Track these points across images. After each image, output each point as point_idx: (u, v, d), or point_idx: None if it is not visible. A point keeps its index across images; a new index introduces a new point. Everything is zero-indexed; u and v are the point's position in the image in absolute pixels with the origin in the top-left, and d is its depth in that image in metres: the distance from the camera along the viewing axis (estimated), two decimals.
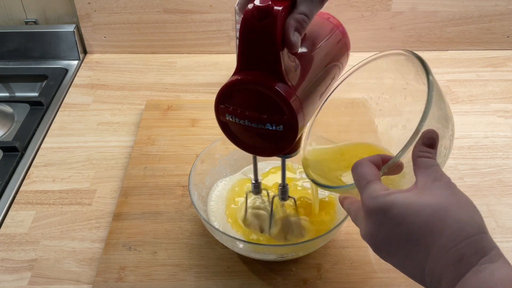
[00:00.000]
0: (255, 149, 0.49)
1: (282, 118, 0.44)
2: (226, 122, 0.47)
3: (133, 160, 0.77)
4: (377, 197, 0.40)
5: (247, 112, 0.44)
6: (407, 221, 0.38)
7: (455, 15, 1.02)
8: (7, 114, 0.91)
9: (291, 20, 0.42)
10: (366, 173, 0.42)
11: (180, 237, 0.65)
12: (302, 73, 0.46)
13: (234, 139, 0.49)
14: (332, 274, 0.60)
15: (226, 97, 0.45)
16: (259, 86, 0.43)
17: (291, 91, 0.43)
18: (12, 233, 0.67)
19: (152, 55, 1.07)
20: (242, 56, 0.43)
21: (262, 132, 0.45)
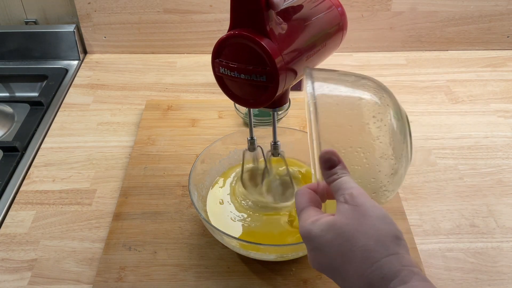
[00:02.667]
0: (245, 101, 0.54)
1: (264, 69, 0.49)
2: (221, 76, 0.53)
3: (133, 160, 0.77)
4: (302, 225, 0.41)
5: (236, 65, 0.50)
6: (325, 250, 0.39)
7: (455, 15, 1.02)
8: (7, 114, 0.91)
9: None
10: (299, 201, 0.43)
11: (180, 237, 0.65)
12: (289, 33, 0.51)
13: (228, 92, 0.54)
14: None
15: (220, 52, 0.51)
16: (245, 40, 0.48)
17: (273, 45, 0.48)
18: (12, 233, 0.67)
19: (152, 55, 1.07)
20: (233, 15, 0.50)
21: (249, 83, 0.50)
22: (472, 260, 0.63)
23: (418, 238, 0.65)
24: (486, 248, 0.65)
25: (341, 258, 0.38)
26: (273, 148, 0.62)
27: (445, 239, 0.66)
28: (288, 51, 0.50)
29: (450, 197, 0.72)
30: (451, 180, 0.75)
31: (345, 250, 0.37)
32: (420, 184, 0.74)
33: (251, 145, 0.64)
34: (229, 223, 0.63)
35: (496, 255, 0.64)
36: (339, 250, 0.38)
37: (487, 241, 0.65)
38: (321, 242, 0.39)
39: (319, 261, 0.40)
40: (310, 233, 0.40)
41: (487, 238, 0.66)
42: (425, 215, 0.69)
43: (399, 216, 0.67)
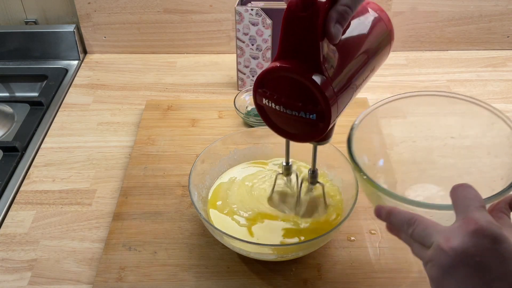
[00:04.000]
0: (288, 134, 0.50)
1: (316, 107, 0.45)
2: (262, 106, 0.49)
3: (133, 160, 0.77)
4: (493, 223, 0.38)
5: (283, 99, 0.46)
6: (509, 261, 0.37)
7: (455, 15, 1.02)
8: (7, 114, 0.91)
9: (333, 12, 0.42)
10: (479, 197, 0.41)
11: (180, 237, 0.65)
12: (341, 64, 0.46)
13: (269, 122, 0.51)
14: (332, 274, 0.60)
15: (264, 82, 0.47)
16: (297, 75, 0.44)
17: (327, 82, 0.44)
18: (12, 233, 0.67)
19: (152, 55, 1.07)
20: (283, 44, 0.45)
21: (296, 119, 0.47)
22: None
23: None
24: None
25: None
26: (310, 176, 0.60)
27: None
28: (341, 84, 0.46)
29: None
30: None
31: None
32: None
33: (286, 171, 0.62)
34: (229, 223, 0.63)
35: None
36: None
37: None
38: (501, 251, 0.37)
39: (483, 261, 0.37)
40: (507, 239, 0.37)
41: None
42: None
43: None
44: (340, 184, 0.66)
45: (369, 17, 0.52)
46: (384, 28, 0.53)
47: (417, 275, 0.60)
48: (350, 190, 0.62)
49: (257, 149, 0.71)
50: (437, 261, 0.40)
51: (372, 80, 0.95)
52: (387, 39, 0.53)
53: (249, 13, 0.84)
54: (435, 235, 0.40)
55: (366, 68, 0.50)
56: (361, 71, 0.50)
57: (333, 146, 0.66)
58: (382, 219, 0.46)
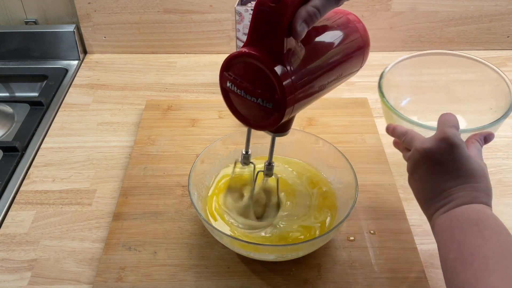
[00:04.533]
0: (247, 120, 0.52)
1: (272, 97, 0.46)
2: (226, 90, 0.51)
3: (133, 160, 0.77)
4: (456, 136, 0.52)
5: (245, 84, 0.48)
6: (462, 161, 0.51)
7: (455, 15, 1.02)
8: (7, 114, 0.91)
9: (302, 11, 0.44)
10: (454, 121, 0.54)
11: (180, 237, 0.65)
12: (306, 61, 0.48)
13: (231, 107, 0.52)
14: (332, 274, 0.60)
15: (230, 65, 0.49)
16: (259, 63, 0.46)
17: (286, 74, 0.46)
18: (12, 233, 0.67)
19: (152, 55, 1.07)
20: (252, 31, 0.47)
21: (254, 105, 0.48)
22: None
23: (418, 238, 0.65)
24: None
25: (472, 173, 0.52)
26: (266, 168, 0.60)
27: None
28: (302, 81, 0.47)
29: None
30: None
31: (479, 175, 0.52)
32: None
33: (245, 159, 0.63)
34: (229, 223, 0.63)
35: None
36: (476, 169, 0.52)
37: None
38: (465, 156, 0.52)
39: (442, 158, 0.52)
40: (462, 147, 0.52)
41: None
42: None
43: (399, 216, 0.67)
44: (340, 185, 0.66)
45: (344, 26, 0.53)
46: (358, 39, 0.54)
47: (417, 275, 0.60)
48: (350, 190, 0.62)
49: (257, 149, 0.71)
50: (411, 157, 0.56)
51: (373, 80, 0.96)
52: (359, 49, 0.54)
53: (249, 13, 0.84)
54: (416, 141, 0.55)
55: (332, 71, 0.51)
56: (326, 73, 0.51)
57: (333, 146, 0.66)
58: (389, 132, 0.62)
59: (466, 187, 0.51)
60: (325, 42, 0.51)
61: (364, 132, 0.82)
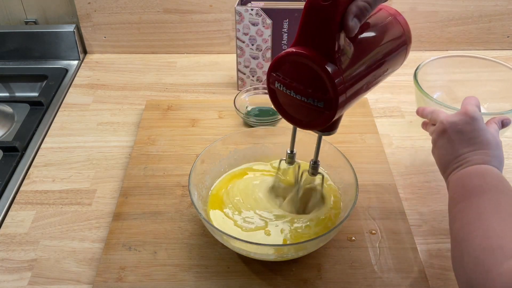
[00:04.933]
0: (295, 120, 0.52)
1: (324, 95, 0.46)
2: (274, 90, 0.50)
3: (133, 160, 0.77)
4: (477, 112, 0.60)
5: (294, 84, 0.48)
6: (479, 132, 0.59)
7: (455, 15, 1.02)
8: (7, 114, 0.91)
9: (353, 6, 0.44)
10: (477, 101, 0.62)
11: (180, 237, 0.65)
12: (355, 59, 0.48)
13: (279, 107, 0.52)
14: (332, 274, 0.60)
15: (279, 66, 0.48)
16: (310, 62, 0.46)
17: (338, 72, 0.45)
18: (12, 233, 0.67)
19: (152, 55, 1.07)
20: (302, 31, 0.46)
21: (304, 105, 0.48)
22: None
23: (418, 238, 0.65)
24: None
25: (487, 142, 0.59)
26: (311, 167, 0.61)
27: (445, 239, 0.66)
28: (351, 78, 0.47)
29: None
30: None
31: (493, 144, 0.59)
32: (420, 184, 0.74)
33: (290, 159, 0.63)
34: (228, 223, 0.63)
35: None
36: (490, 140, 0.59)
37: None
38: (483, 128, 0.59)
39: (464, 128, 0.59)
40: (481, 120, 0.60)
41: None
42: (425, 215, 0.69)
43: (399, 216, 0.67)
44: (340, 185, 0.66)
45: (387, 20, 0.53)
46: (400, 31, 0.54)
47: (417, 275, 0.60)
48: (350, 190, 0.62)
49: (257, 149, 0.71)
50: (436, 129, 0.63)
51: None
52: (403, 42, 0.54)
53: (249, 13, 0.84)
54: (441, 115, 0.63)
55: (379, 67, 0.51)
56: (374, 69, 0.51)
57: (333, 146, 0.66)
58: (419, 114, 0.70)
59: (481, 153, 0.57)
60: (372, 38, 0.51)
61: (364, 132, 0.82)
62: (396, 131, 0.84)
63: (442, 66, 0.86)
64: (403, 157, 0.79)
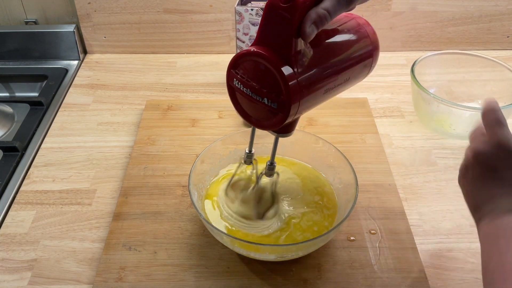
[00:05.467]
0: (251, 119, 0.52)
1: (278, 97, 0.47)
2: (233, 88, 0.51)
3: (133, 160, 0.77)
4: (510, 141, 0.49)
5: (251, 83, 0.48)
6: None
7: (455, 15, 1.02)
8: (7, 114, 0.91)
9: (312, 13, 0.44)
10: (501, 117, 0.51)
11: (180, 237, 0.65)
12: (313, 64, 0.48)
13: (237, 105, 0.52)
14: (332, 274, 0.60)
15: (237, 64, 0.49)
16: (267, 62, 0.46)
17: (293, 75, 0.46)
18: (12, 233, 0.67)
19: (152, 55, 1.07)
20: (261, 30, 0.47)
21: (259, 104, 0.49)
22: (472, 260, 0.63)
23: (418, 238, 0.65)
24: None
25: None
26: (268, 168, 0.61)
27: (445, 239, 0.66)
28: (308, 83, 0.47)
29: (450, 197, 0.72)
30: (451, 180, 0.75)
31: None
32: (420, 184, 0.74)
33: (248, 159, 0.63)
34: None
35: None
36: None
37: None
38: None
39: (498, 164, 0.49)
40: None
41: None
42: (425, 215, 0.69)
43: (399, 216, 0.67)
44: (340, 185, 0.66)
45: (354, 29, 0.53)
46: (367, 42, 0.54)
47: (417, 275, 0.60)
48: (350, 190, 0.62)
49: (257, 149, 0.71)
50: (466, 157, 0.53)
51: (373, 80, 0.96)
52: (368, 53, 0.54)
53: (249, 13, 0.84)
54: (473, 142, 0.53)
55: (339, 75, 0.51)
56: (333, 76, 0.50)
57: (333, 146, 0.66)
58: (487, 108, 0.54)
59: None
60: (334, 46, 0.51)
61: (364, 132, 0.82)
62: (396, 131, 0.84)
63: (440, 63, 0.87)
64: (403, 157, 0.79)
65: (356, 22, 0.54)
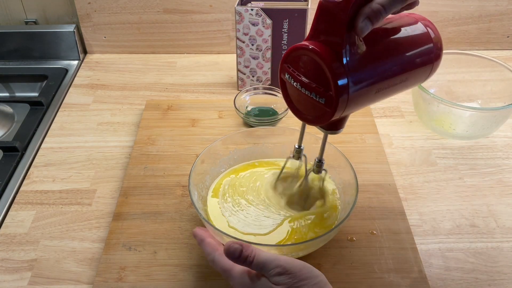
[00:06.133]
0: (300, 114, 0.52)
1: (326, 92, 0.46)
2: (284, 81, 0.51)
3: (133, 160, 0.77)
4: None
5: (301, 77, 0.48)
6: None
7: (455, 15, 1.02)
8: (7, 114, 0.91)
9: (366, 8, 0.44)
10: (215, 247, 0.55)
11: (180, 237, 0.65)
12: (365, 62, 0.47)
13: (287, 98, 0.53)
14: (332, 274, 0.60)
15: (290, 58, 0.49)
16: (317, 57, 0.45)
17: (343, 72, 0.45)
18: (12, 233, 0.67)
19: (152, 55, 1.07)
20: (314, 26, 0.47)
21: (308, 99, 0.48)
22: (472, 260, 0.63)
23: (418, 238, 0.65)
24: (486, 248, 0.65)
25: None
26: (316, 165, 0.60)
27: (445, 239, 0.66)
28: (358, 81, 0.46)
29: (450, 197, 0.72)
30: (451, 180, 0.75)
31: None
32: (420, 184, 0.74)
33: (297, 154, 0.63)
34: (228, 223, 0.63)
35: (496, 255, 0.64)
36: None
37: (487, 241, 0.65)
38: None
39: None
40: None
41: (487, 238, 0.66)
42: (425, 215, 0.69)
43: (399, 216, 0.67)
44: (340, 185, 0.66)
45: (416, 29, 0.52)
46: (428, 44, 0.52)
47: (417, 275, 0.60)
48: (350, 190, 0.62)
49: (257, 149, 0.71)
50: None
51: None
52: (429, 58, 0.52)
53: (249, 13, 0.84)
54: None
55: (394, 76, 0.50)
56: (387, 76, 0.49)
57: (333, 146, 0.66)
58: None
59: None
60: (391, 45, 0.50)
61: (364, 132, 0.82)
62: (396, 131, 0.85)
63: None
64: (403, 157, 0.79)
65: (417, 21, 0.53)
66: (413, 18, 0.53)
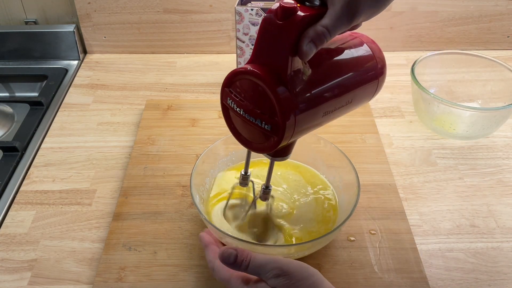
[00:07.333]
0: (245, 141, 0.50)
1: (271, 119, 0.44)
2: (226, 106, 0.48)
3: (133, 160, 0.77)
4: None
5: (245, 102, 0.45)
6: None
7: (455, 15, 1.02)
8: (7, 114, 0.91)
9: (310, 30, 0.42)
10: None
11: (180, 237, 0.65)
12: (312, 85, 0.45)
13: (230, 125, 0.50)
14: (332, 274, 0.60)
15: (231, 82, 0.46)
16: (260, 81, 0.43)
17: (289, 97, 0.43)
18: (12, 233, 0.67)
19: (152, 55, 1.07)
20: (257, 48, 0.44)
21: (253, 126, 0.46)
22: (472, 260, 0.63)
23: (418, 238, 0.65)
24: (486, 248, 0.65)
25: None
26: (263, 192, 0.58)
27: (445, 239, 0.66)
28: (305, 105, 0.44)
29: (450, 197, 0.72)
30: (451, 180, 0.75)
31: None
32: (420, 184, 0.74)
33: (243, 181, 0.60)
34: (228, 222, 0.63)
35: (496, 255, 0.64)
36: None
37: (487, 241, 0.65)
38: None
39: None
40: None
41: (487, 238, 0.66)
42: (425, 215, 0.69)
43: (399, 216, 0.67)
44: (340, 184, 0.66)
45: (358, 48, 0.50)
46: (373, 63, 0.51)
47: (417, 275, 0.60)
48: (350, 190, 0.62)
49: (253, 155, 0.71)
50: None
51: None
52: (373, 75, 0.51)
53: (249, 13, 0.84)
54: None
55: (341, 97, 0.48)
56: (334, 98, 0.48)
57: (334, 146, 0.66)
58: None
59: None
60: (335, 66, 0.48)
61: (364, 132, 0.82)
62: (396, 131, 0.85)
63: (440, 63, 0.87)
64: (403, 157, 0.79)
65: (360, 40, 0.51)
66: (354, 37, 0.51)
